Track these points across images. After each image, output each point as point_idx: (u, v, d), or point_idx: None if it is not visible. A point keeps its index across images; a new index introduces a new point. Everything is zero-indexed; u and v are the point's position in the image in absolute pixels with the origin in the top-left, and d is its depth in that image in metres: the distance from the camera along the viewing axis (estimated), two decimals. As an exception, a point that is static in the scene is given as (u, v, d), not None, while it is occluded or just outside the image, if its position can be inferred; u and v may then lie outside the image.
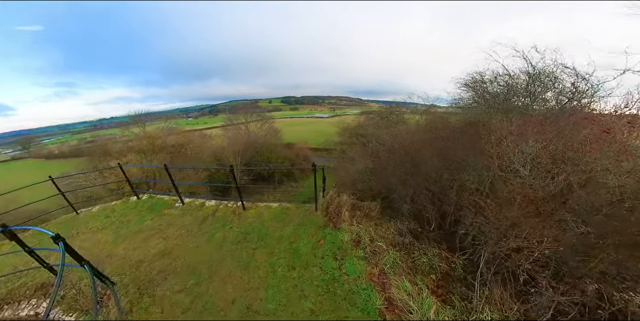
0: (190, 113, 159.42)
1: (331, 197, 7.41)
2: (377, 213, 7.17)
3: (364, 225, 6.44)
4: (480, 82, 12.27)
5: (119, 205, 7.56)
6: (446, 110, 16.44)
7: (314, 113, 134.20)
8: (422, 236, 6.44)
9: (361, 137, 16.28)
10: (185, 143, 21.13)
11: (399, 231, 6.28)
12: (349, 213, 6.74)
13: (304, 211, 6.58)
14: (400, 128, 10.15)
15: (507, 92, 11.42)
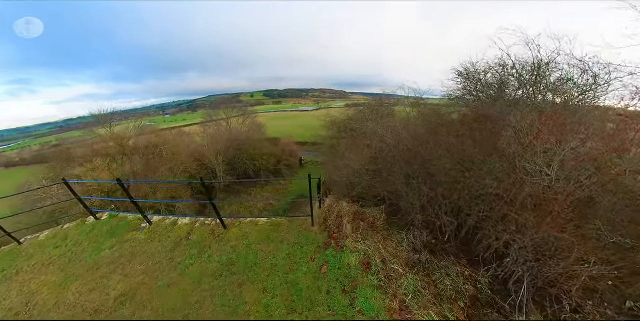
0: (167, 109, 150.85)
1: (329, 206, 6.46)
2: (383, 222, 6.34)
3: (371, 239, 5.58)
4: (474, 72, 11.58)
5: (73, 230, 6.23)
6: (439, 102, 15.82)
7: (298, 107, 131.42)
8: (437, 249, 5.69)
9: (351, 131, 15.34)
10: (159, 144, 19.25)
11: (412, 246, 5.48)
12: (352, 226, 5.85)
13: (298, 226, 5.59)
14: (396, 122, 9.25)
15: (502, 82, 10.83)
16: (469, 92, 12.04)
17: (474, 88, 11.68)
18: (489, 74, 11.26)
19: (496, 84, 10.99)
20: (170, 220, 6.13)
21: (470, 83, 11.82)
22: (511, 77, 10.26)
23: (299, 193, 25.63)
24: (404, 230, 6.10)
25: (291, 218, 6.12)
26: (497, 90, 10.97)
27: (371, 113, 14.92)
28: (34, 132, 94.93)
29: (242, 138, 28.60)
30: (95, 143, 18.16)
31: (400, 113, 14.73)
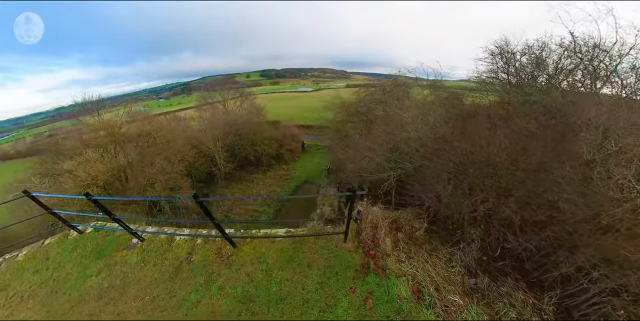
0: (160, 93, 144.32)
1: (363, 216, 5.42)
2: (424, 233, 5.35)
3: (416, 257, 4.61)
4: (510, 52, 9.93)
5: (54, 247, 5.24)
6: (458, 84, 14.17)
7: (296, 88, 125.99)
8: (490, 268, 4.76)
9: (362, 115, 13.89)
10: (153, 132, 17.82)
11: (466, 267, 4.53)
12: (391, 239, 4.86)
13: (327, 243, 4.58)
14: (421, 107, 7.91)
15: (537, 65, 9.30)
16: (497, 74, 10.55)
17: (506, 71, 10.18)
18: (524, 55, 9.68)
19: (531, 67, 9.52)
20: (165, 235, 5.11)
21: (502, 65, 10.28)
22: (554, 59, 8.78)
23: (303, 179, 24.78)
24: (449, 244, 5.14)
25: (314, 229, 5.11)
26: (531, 74, 9.54)
27: (384, 96, 13.34)
28: (26, 123, 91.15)
29: (240, 122, 26.96)
30: (84, 133, 16.70)
31: (417, 96, 13.21)
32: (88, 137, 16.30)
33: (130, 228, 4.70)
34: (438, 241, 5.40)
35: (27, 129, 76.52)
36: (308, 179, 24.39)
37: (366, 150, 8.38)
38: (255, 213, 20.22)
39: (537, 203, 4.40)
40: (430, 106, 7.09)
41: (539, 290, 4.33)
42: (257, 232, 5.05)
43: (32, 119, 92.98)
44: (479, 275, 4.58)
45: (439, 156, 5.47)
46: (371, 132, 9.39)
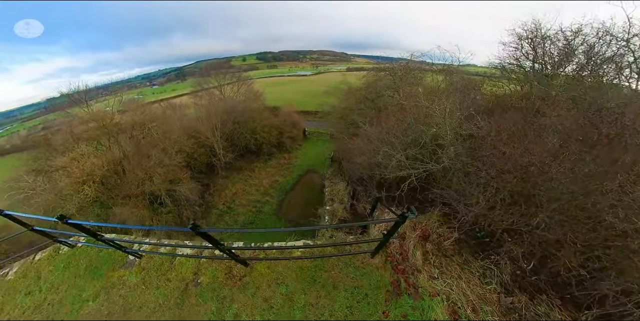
0: (154, 80, 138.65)
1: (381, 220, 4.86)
2: (454, 242, 4.83)
3: (448, 273, 4.12)
4: (541, 36, 8.86)
5: (45, 263, 4.73)
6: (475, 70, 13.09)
7: (295, 71, 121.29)
8: (524, 283, 4.31)
9: (370, 102, 12.95)
10: (147, 122, 16.90)
11: (502, 284, 4.05)
12: (420, 252, 4.34)
13: (351, 259, 4.06)
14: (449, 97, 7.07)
15: (568, 52, 8.32)
16: (519, 61, 9.58)
17: (532, 58, 9.22)
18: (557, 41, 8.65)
19: (560, 54, 8.58)
20: (165, 250, 4.58)
21: (528, 51, 9.30)
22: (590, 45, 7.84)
23: (305, 168, 24.24)
24: (480, 256, 4.64)
25: (333, 241, 4.58)
26: (558, 63, 8.62)
27: (394, 81, 12.29)
28: (19, 116, 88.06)
29: (239, 109, 25.83)
30: (74, 126, 15.78)
31: (430, 82, 12.20)
32: (79, 130, 15.41)
33: (124, 248, 4.13)
34: (468, 252, 4.90)
35: (21, 122, 74.21)
36: (311, 168, 23.85)
37: (379, 142, 7.69)
38: (258, 204, 19.90)
39: (585, 217, 3.84)
40: (454, 95, 6.30)
41: (574, 307, 3.93)
42: (270, 245, 4.52)
43: (25, 111, 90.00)
44: (514, 293, 4.15)
45: (474, 158, 4.81)
46: (383, 122, 8.62)
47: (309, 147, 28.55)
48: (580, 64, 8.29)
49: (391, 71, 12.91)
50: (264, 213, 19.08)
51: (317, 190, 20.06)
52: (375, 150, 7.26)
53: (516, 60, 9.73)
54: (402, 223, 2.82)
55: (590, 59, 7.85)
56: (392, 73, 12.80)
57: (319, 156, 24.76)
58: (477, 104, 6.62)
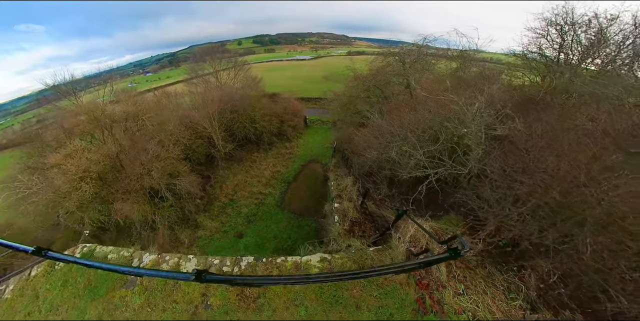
0: (147, 67, 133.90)
1: (402, 229, 4.26)
2: (477, 254, 4.26)
3: (473, 286, 3.63)
4: (569, 23, 7.77)
5: (41, 280, 4.34)
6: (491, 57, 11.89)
7: (293, 55, 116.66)
8: (547, 297, 3.82)
9: (377, 89, 11.93)
10: (140, 113, 16.03)
11: (527, 300, 3.56)
12: (444, 264, 3.80)
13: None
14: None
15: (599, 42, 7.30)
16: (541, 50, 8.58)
17: (559, 47, 8.22)
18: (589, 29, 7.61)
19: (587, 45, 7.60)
20: (169, 266, 4.05)
21: (554, 39, 8.27)
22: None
23: (307, 158, 23.56)
24: (504, 268, 4.10)
25: (357, 256, 4.02)
26: (583, 54, 7.67)
27: (403, 67, 11.16)
28: (11, 109, 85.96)
29: (236, 97, 24.70)
30: (64, 120, 14.95)
31: (440, 69, 11.11)
32: (70, 124, 14.61)
33: (124, 270, 3.58)
34: (490, 263, 4.35)
35: (14, 116, 72.61)
36: (313, 158, 23.20)
37: (391, 136, 6.94)
38: (260, 196, 19.49)
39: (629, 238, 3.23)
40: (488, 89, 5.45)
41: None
42: (283, 260, 3.96)
43: (17, 104, 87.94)
44: (539, 308, 3.72)
45: (506, 164, 4.10)
46: (394, 114, 7.80)
47: (310, 135, 27.72)
48: (611, 57, 7.38)
49: (401, 56, 11.73)
50: (267, 205, 18.70)
51: (320, 181, 19.54)
52: (388, 145, 6.53)
53: (538, 48, 8.76)
54: (452, 259, 2.21)
55: (621, 51, 6.99)
56: (402, 58, 11.64)
57: (321, 145, 24.04)
58: (502, 99, 5.79)
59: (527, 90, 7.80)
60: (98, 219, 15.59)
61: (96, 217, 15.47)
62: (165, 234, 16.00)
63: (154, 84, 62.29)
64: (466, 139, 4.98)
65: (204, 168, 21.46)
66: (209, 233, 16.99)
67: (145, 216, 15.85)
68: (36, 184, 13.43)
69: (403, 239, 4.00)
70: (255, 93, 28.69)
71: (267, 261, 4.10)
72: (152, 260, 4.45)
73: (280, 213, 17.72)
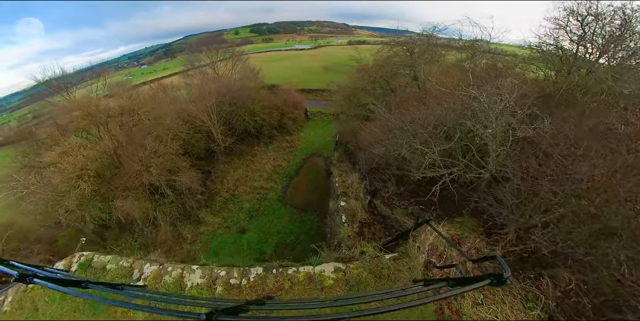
0: (141, 58, 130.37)
1: (423, 239, 3.92)
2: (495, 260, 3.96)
3: (491, 295, 3.40)
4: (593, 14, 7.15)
5: (39, 292, 4.18)
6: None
7: (292, 45, 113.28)
8: (564, 306, 3.57)
9: (384, 81, 11.28)
10: (136, 107, 15.49)
11: (546, 310, 3.29)
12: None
13: (391, 286, 3.22)
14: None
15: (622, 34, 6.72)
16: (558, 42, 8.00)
17: (579, 39, 7.65)
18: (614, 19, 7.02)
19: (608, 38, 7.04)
20: (172, 278, 3.75)
21: (575, 30, 7.68)
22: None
23: (309, 151, 23.15)
24: (521, 275, 3.82)
25: (369, 264, 3.71)
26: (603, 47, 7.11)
27: (411, 57, 10.46)
28: (6, 105, 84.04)
29: (235, 88, 23.97)
30: (57, 117, 14.44)
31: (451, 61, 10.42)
32: (64, 120, 14.11)
33: (121, 288, 3.26)
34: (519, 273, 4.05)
35: (10, 112, 71.26)
36: (315, 151, 22.79)
37: (401, 132, 6.52)
38: (262, 191, 19.25)
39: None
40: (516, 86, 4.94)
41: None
42: (295, 271, 3.67)
43: (12, 100, 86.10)
44: (556, 318, 3.47)
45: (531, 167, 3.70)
46: (403, 108, 7.32)
47: (311, 128, 27.18)
48: (635, 48, 6.82)
49: (409, 46, 10.99)
50: (269, 199, 18.50)
51: (323, 175, 19.23)
52: (397, 142, 6.11)
53: (555, 40, 8.18)
54: (495, 286, 1.87)
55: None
56: (410, 48, 10.91)
57: (323, 138, 23.57)
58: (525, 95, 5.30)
59: (545, 86, 7.31)
60: (99, 217, 15.40)
61: (97, 214, 15.27)
62: (167, 231, 15.86)
63: (149, 76, 60.94)
64: (485, 139, 4.54)
65: (204, 163, 21.12)
66: (211, 228, 16.88)
67: (147, 213, 15.65)
68: (33, 183, 13.12)
69: (422, 248, 3.67)
70: (254, 84, 27.90)
71: (277, 273, 3.80)
72: (154, 272, 4.16)
73: (283, 208, 17.53)
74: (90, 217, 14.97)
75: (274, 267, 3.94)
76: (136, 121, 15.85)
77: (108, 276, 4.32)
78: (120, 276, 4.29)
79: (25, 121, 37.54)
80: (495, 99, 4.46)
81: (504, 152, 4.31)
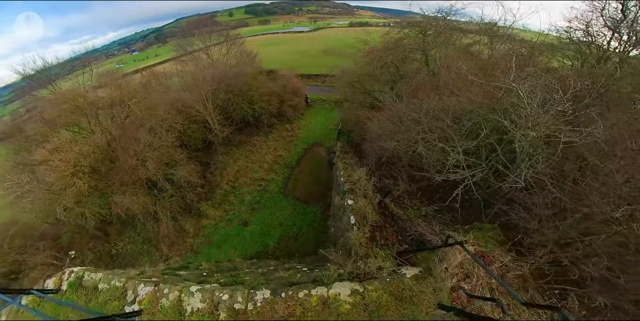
0: (132, 45, 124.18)
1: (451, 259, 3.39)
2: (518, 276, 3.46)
3: (516, 315, 2.91)
4: None
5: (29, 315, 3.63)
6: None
7: (290, 27, 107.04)
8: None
9: (394, 67, 10.21)
10: (126, 98, 14.59)
11: None
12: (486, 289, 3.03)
13: (413, 310, 2.73)
14: None
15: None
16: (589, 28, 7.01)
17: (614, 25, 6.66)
18: None
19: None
20: (169, 301, 3.30)
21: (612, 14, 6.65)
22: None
23: (311, 141, 22.39)
24: (547, 292, 3.34)
25: (389, 285, 3.22)
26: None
27: (424, 41, 9.30)
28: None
29: (230, 74, 22.68)
30: (44, 111, 13.62)
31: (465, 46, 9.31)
32: (50, 115, 13.32)
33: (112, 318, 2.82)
34: (532, 285, 3.57)
35: (3, 106, 69.04)
36: (316, 140, 22.06)
37: (414, 124, 5.83)
38: (263, 182, 18.79)
39: None
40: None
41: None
42: (307, 294, 3.20)
43: (3, 94, 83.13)
44: None
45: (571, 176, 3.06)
46: (416, 96, 6.54)
47: (312, 116, 26.22)
48: None
49: (422, 27, 9.75)
50: (270, 191, 18.10)
51: (325, 165, 18.67)
52: (412, 137, 5.44)
53: (586, 25, 7.18)
54: None
55: None
56: (423, 30, 9.70)
57: (324, 127, 22.73)
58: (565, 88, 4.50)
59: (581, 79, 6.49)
60: (99, 213, 15.09)
61: (97, 211, 14.94)
62: (169, 225, 15.62)
63: (141, 64, 58.65)
64: (521, 140, 3.82)
65: (202, 155, 20.50)
66: (213, 222, 16.64)
67: (146, 208, 15.32)
68: (28, 182, 12.63)
69: (451, 270, 3.16)
70: (251, 70, 26.50)
71: (287, 297, 3.32)
72: (149, 294, 3.71)
73: (285, 200, 17.17)
74: (90, 213, 14.67)
75: (282, 289, 3.46)
76: (128, 112, 15.04)
77: (100, 298, 3.89)
78: (113, 298, 3.86)
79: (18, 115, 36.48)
80: (543, 96, 3.69)
81: (543, 157, 3.66)
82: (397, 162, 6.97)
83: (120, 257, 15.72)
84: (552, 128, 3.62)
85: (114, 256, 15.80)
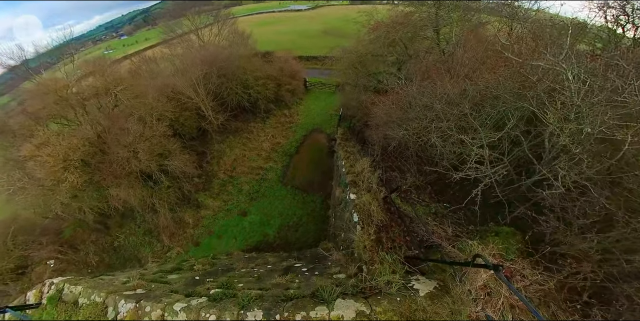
0: (120, 28, 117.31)
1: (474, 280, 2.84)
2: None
3: None
4: None
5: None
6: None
7: (287, 6, 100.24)
8: None
9: (402, 46, 9.02)
10: (110, 86, 13.63)
11: None
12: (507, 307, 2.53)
13: None
14: None
15: None
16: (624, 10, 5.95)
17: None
18: None
19: None
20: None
21: None
22: None
23: (310, 127, 21.51)
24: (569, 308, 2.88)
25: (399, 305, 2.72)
26: None
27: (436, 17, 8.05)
28: None
29: (222, 57, 21.26)
30: (27, 105, 12.78)
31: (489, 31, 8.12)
32: (34, 107, 12.49)
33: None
34: (553, 300, 3.07)
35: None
36: (316, 126, 21.19)
37: (426, 110, 5.10)
38: (261, 171, 18.27)
39: None
40: None
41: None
42: (305, 317, 2.73)
43: None
44: None
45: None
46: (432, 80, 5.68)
47: (311, 100, 25.07)
48: None
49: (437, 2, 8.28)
50: (269, 180, 17.64)
51: (325, 153, 18.02)
52: (424, 125, 4.72)
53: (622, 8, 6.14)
54: None
55: None
56: (437, 2, 8.28)
57: (324, 112, 21.73)
58: None
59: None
60: (97, 206, 14.80)
61: (94, 204, 14.64)
62: (167, 216, 15.38)
63: (131, 49, 55.96)
64: (561, 135, 3.09)
65: (197, 144, 19.78)
66: (212, 212, 16.37)
67: (143, 200, 14.97)
68: (19, 179, 12.14)
69: (474, 294, 2.63)
70: (245, 52, 24.94)
71: (282, 319, 2.85)
72: (130, 312, 3.32)
73: (284, 189, 16.75)
74: (88, 207, 14.37)
75: (277, 308, 2.98)
76: (116, 101, 14.17)
77: (80, 315, 3.52)
78: (93, 315, 3.47)
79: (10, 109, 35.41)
80: (602, 82, 2.90)
81: (587, 158, 2.98)
82: (404, 151, 6.30)
83: (123, 249, 15.67)
84: (610, 123, 2.91)
85: (117, 248, 15.75)
